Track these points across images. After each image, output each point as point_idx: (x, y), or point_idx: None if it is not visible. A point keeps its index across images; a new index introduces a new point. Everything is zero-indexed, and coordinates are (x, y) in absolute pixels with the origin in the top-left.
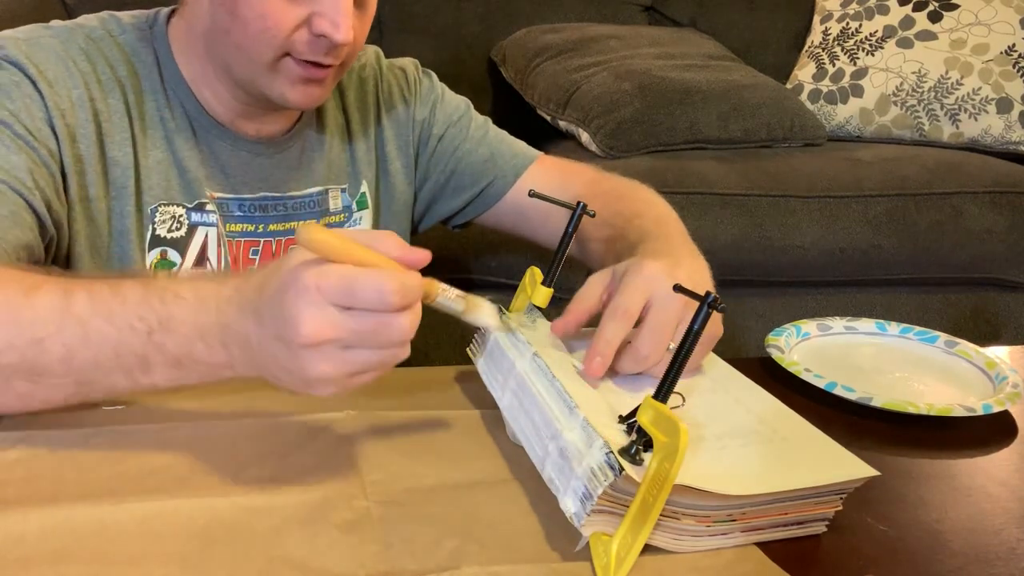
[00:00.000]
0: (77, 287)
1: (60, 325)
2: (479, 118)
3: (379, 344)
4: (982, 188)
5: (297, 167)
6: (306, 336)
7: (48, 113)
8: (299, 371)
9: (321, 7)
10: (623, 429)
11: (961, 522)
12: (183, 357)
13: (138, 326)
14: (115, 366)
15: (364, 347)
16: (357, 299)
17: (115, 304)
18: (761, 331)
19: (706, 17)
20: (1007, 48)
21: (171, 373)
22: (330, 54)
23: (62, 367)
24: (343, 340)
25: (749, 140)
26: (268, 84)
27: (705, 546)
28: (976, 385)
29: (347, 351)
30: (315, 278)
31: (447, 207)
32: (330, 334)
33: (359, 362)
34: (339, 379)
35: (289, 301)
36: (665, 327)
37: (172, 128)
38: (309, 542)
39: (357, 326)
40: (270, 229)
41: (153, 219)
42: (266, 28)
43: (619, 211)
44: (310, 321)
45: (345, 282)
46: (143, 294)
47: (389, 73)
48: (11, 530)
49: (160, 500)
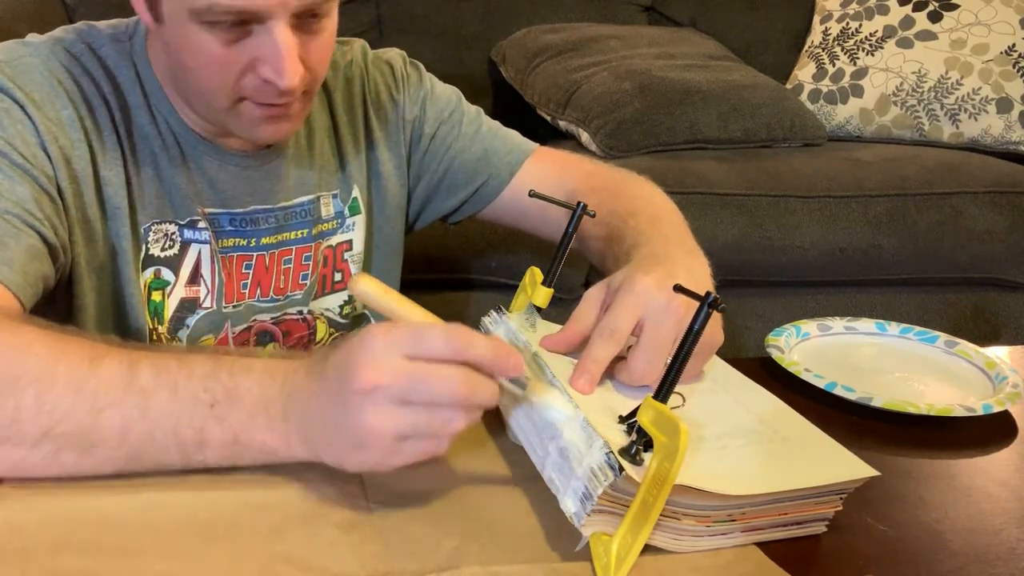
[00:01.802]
0: (143, 358)
1: (122, 395)
2: (471, 110)
3: (432, 398)
4: (982, 188)
5: (287, 176)
6: (362, 381)
7: (40, 137)
8: (350, 426)
9: (261, 52)
10: (623, 429)
11: (961, 522)
12: (241, 432)
13: (203, 397)
14: (171, 442)
15: (417, 404)
16: (423, 346)
17: (181, 376)
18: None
19: (706, 17)
20: (1007, 48)
21: (225, 452)
22: (283, 95)
23: (117, 439)
24: (398, 387)
25: (749, 140)
26: (233, 124)
27: (705, 546)
28: (976, 385)
29: (400, 407)
30: (385, 331)
31: (442, 206)
32: (386, 379)
33: (410, 422)
34: (388, 440)
35: (355, 351)
36: (660, 344)
37: (159, 145)
38: (309, 540)
39: (413, 372)
40: (263, 242)
41: (146, 238)
42: (212, 77)
43: (614, 209)
44: (369, 366)
45: (415, 329)
46: (212, 367)
47: (375, 70)
48: (11, 520)
49: (161, 492)
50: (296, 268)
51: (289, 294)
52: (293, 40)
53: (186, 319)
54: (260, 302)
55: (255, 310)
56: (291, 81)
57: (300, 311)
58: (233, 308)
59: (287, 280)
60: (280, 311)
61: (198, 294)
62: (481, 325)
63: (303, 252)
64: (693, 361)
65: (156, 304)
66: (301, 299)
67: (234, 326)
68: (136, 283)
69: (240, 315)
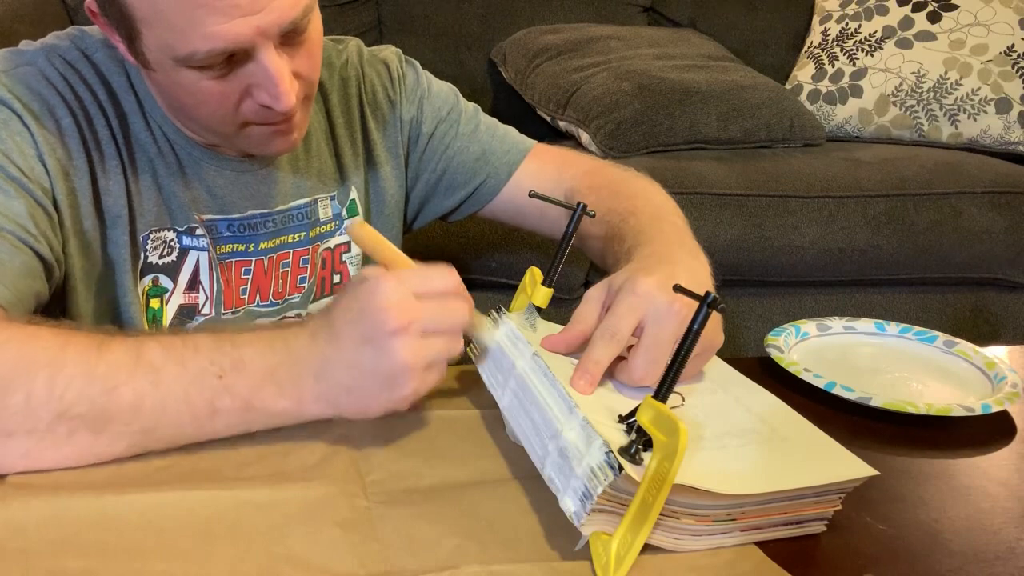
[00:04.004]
0: (148, 339)
1: (132, 372)
2: (469, 108)
3: (449, 326)
4: (981, 188)
5: (283, 180)
6: (397, 320)
7: (38, 149)
8: (387, 364)
9: (255, 80)
10: (623, 429)
11: (960, 522)
12: (253, 399)
13: (210, 369)
14: (184, 410)
15: (438, 332)
16: (431, 284)
17: (187, 352)
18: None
19: (705, 18)
20: (1006, 48)
21: (237, 418)
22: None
23: (130, 414)
24: (423, 322)
25: (748, 140)
26: (245, 145)
27: (705, 545)
28: (975, 385)
29: (425, 339)
30: (393, 275)
31: (440, 206)
32: (416, 314)
33: (434, 349)
34: (418, 369)
35: (375, 299)
36: (661, 346)
37: (155, 152)
38: (310, 540)
39: (430, 307)
40: (261, 247)
41: (145, 246)
42: (211, 111)
43: (613, 208)
44: (398, 307)
45: (420, 272)
46: (214, 341)
47: (371, 70)
48: (12, 521)
49: (161, 493)
50: (294, 271)
51: (288, 297)
52: (283, 62)
53: (185, 326)
54: (259, 307)
55: (254, 315)
56: (289, 103)
57: (299, 314)
58: (232, 314)
59: (285, 284)
60: (279, 315)
61: (197, 301)
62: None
63: (301, 255)
64: (693, 361)
65: (155, 311)
66: (299, 302)
67: None
68: (134, 291)
69: (239, 321)
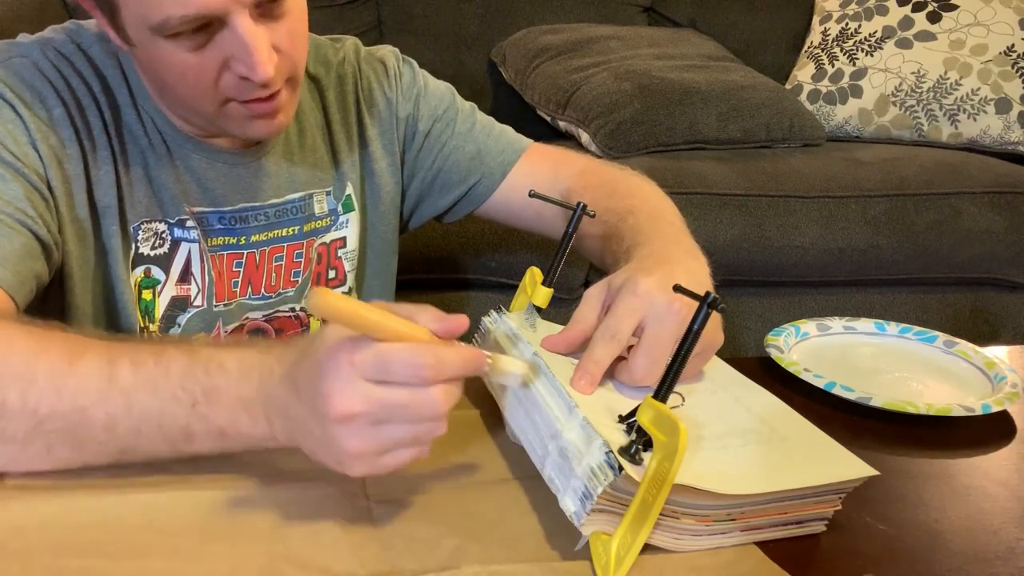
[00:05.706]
0: (121, 355)
1: (104, 394)
2: (465, 107)
3: (411, 418)
4: (981, 188)
5: (277, 173)
6: (336, 411)
7: (31, 136)
8: (331, 447)
9: (231, 50)
10: (623, 429)
11: (960, 521)
12: (227, 428)
13: (182, 396)
14: (158, 437)
15: (395, 422)
16: (391, 373)
17: (159, 375)
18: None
19: (705, 18)
20: (1006, 48)
21: (214, 443)
22: (265, 88)
23: (105, 435)
24: (374, 415)
25: (748, 140)
26: (225, 126)
27: (705, 545)
28: (975, 385)
29: (378, 427)
30: (349, 353)
31: (435, 206)
32: (360, 407)
33: (391, 439)
34: (370, 456)
35: (323, 376)
36: (661, 346)
37: (146, 144)
38: (310, 540)
39: (388, 399)
40: (253, 240)
41: (136, 237)
42: (191, 85)
43: (611, 207)
44: (340, 396)
45: (379, 356)
46: (187, 364)
47: (368, 68)
48: (11, 521)
49: (161, 493)
50: (288, 265)
51: (281, 291)
52: (259, 31)
53: (177, 317)
54: (251, 300)
55: (246, 308)
56: (266, 72)
57: (292, 309)
58: (224, 306)
59: (279, 278)
60: (272, 309)
61: (188, 293)
62: (481, 325)
63: (295, 249)
64: (693, 361)
65: (147, 303)
66: (294, 296)
67: (226, 324)
68: (127, 282)
69: (232, 313)
